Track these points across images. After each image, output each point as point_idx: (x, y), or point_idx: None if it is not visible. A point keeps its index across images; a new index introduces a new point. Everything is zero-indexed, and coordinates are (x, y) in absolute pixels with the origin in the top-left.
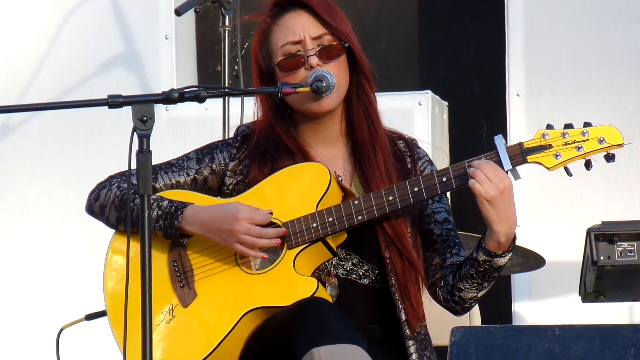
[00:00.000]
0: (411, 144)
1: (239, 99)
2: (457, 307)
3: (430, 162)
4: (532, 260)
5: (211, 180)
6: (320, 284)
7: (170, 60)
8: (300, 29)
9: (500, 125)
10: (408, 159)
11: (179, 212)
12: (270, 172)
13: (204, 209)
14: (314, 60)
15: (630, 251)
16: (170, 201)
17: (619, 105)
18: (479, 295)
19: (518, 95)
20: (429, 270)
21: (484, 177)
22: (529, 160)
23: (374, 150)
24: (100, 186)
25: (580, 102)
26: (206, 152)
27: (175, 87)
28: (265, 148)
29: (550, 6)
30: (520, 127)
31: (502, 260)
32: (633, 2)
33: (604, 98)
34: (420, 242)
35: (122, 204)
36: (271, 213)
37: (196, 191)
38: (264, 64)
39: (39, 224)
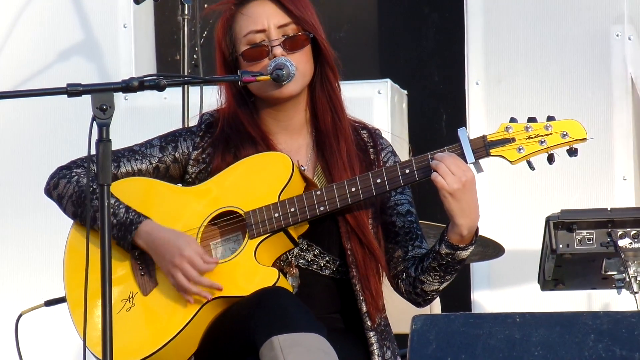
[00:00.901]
0: (374, 134)
1: (198, 88)
2: (419, 299)
3: (394, 153)
4: (491, 249)
5: (173, 169)
6: (281, 274)
7: (129, 49)
8: (264, 18)
9: (459, 114)
10: (371, 149)
11: (133, 227)
12: (233, 161)
13: (158, 230)
14: (278, 50)
15: (589, 239)
16: (127, 210)
17: (577, 93)
18: (441, 288)
19: (477, 83)
20: (391, 262)
21: (447, 170)
22: (492, 154)
23: (337, 140)
24: (61, 174)
25: (539, 91)
26: (170, 140)
27: (135, 76)
28: (229, 135)
29: None
30: (479, 116)
31: (465, 253)
32: None
33: (562, 86)
34: (382, 234)
35: (79, 200)
36: (216, 263)
37: (158, 179)
38: (228, 52)
39: None
